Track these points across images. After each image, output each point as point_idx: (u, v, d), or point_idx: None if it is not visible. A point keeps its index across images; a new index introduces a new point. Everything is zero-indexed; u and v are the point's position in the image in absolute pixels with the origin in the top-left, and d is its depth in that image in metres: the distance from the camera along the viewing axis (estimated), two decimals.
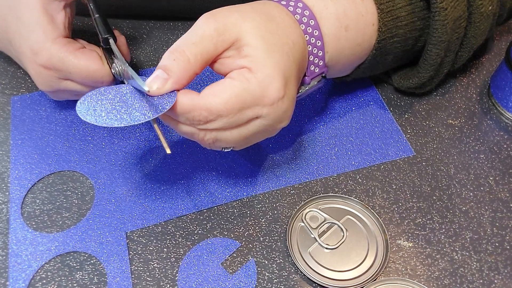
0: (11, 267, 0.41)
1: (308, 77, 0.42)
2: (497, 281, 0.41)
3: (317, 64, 0.42)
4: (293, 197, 0.46)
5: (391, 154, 0.49)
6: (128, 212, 0.45)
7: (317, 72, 0.43)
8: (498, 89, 0.51)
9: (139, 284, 0.41)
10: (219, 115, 0.35)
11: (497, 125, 0.51)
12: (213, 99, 0.35)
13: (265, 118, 0.37)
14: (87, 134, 0.50)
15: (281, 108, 0.37)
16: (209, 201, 0.45)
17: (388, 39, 0.44)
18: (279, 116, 0.38)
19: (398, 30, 0.44)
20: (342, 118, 0.52)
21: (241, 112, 0.36)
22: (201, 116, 0.35)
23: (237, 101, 0.35)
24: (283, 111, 0.37)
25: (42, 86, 0.46)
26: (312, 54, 0.41)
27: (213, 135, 0.37)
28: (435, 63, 0.46)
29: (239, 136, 0.38)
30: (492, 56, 0.57)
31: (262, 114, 0.37)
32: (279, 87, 0.36)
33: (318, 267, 0.41)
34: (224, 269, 0.41)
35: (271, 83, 0.36)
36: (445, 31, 0.43)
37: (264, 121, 0.37)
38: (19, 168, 0.48)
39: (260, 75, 0.36)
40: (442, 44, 0.44)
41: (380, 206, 0.45)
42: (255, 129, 0.38)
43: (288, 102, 0.38)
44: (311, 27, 0.41)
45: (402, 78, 0.51)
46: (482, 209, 0.45)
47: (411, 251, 0.42)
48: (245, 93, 0.35)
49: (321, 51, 0.42)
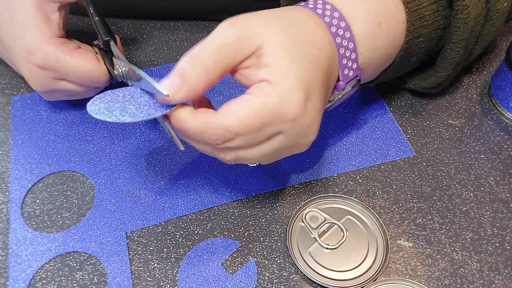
0: (11, 267, 0.41)
1: (343, 82, 0.40)
2: (498, 281, 0.41)
3: (351, 67, 0.40)
4: (293, 197, 0.46)
5: (392, 154, 0.49)
6: (128, 212, 0.45)
7: (351, 75, 0.40)
8: (499, 89, 0.51)
9: (139, 284, 0.40)
10: (237, 133, 0.33)
11: (497, 126, 0.51)
12: (230, 117, 0.33)
13: (287, 133, 0.35)
14: (87, 134, 0.50)
15: (303, 122, 0.35)
16: (209, 201, 0.45)
17: (414, 39, 0.43)
18: (302, 131, 0.35)
19: (423, 30, 0.43)
20: (342, 118, 0.51)
21: (260, 130, 0.34)
22: (218, 136, 0.33)
23: (255, 118, 0.33)
24: (306, 125, 0.35)
25: (37, 87, 0.46)
26: (345, 57, 0.39)
27: (233, 155, 0.36)
28: (455, 61, 0.46)
29: (260, 154, 0.36)
30: (492, 56, 0.57)
31: (283, 130, 0.34)
32: (300, 102, 0.34)
33: (318, 267, 0.41)
34: (224, 269, 0.41)
35: (292, 97, 0.33)
36: (467, 29, 0.43)
37: (286, 137, 0.35)
38: (19, 168, 0.48)
39: (280, 88, 0.33)
40: (463, 43, 0.44)
41: (380, 206, 0.45)
42: (278, 145, 0.35)
43: (311, 116, 0.35)
44: (342, 29, 0.39)
45: (419, 79, 0.50)
46: (483, 209, 0.45)
47: (411, 251, 0.42)
48: (264, 109, 0.33)
49: (354, 53, 0.40)
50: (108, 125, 0.51)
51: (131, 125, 0.51)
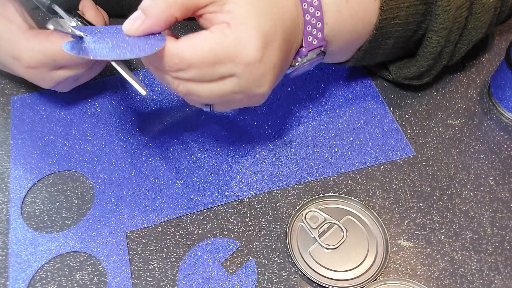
0: (11, 267, 0.41)
1: (306, 48, 0.41)
2: (497, 281, 0.41)
3: (316, 35, 0.41)
4: (293, 197, 0.46)
5: (391, 154, 0.49)
6: (128, 212, 0.45)
7: (315, 44, 0.42)
8: (498, 89, 0.51)
9: (139, 284, 0.40)
10: (190, 64, 0.35)
11: (497, 125, 0.51)
12: (186, 47, 0.35)
13: (239, 78, 0.36)
14: (87, 134, 0.50)
15: (257, 70, 0.36)
16: (209, 201, 0.45)
17: (389, 20, 0.44)
18: (255, 80, 0.37)
19: (400, 12, 0.44)
20: (342, 118, 0.51)
21: (214, 67, 0.35)
22: (172, 63, 0.35)
23: (210, 53, 0.35)
24: (260, 75, 0.36)
25: (44, 85, 0.46)
26: (310, 24, 0.40)
27: (186, 86, 0.37)
28: (435, 51, 0.46)
29: (211, 92, 0.37)
30: (492, 56, 0.57)
31: (235, 72, 0.36)
32: (256, 48, 0.35)
33: (318, 267, 0.41)
34: (224, 269, 0.41)
35: (249, 42, 0.35)
36: (447, 18, 0.43)
37: (238, 81, 0.36)
38: (19, 168, 0.48)
39: (238, 33, 0.35)
40: (443, 31, 0.44)
41: (380, 206, 0.45)
42: (229, 88, 0.37)
43: (266, 66, 0.36)
44: None
45: (400, 68, 0.50)
46: (482, 209, 0.45)
47: (411, 251, 0.42)
48: (219, 47, 0.35)
49: (320, 22, 0.41)
50: (108, 125, 0.51)
51: (131, 125, 0.51)
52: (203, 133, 0.50)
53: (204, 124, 0.51)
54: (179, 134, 0.50)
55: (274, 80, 0.38)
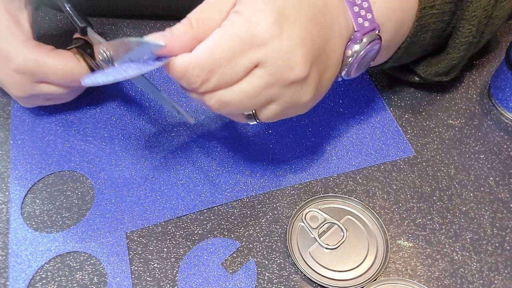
0: (11, 267, 0.41)
1: (359, 32, 0.38)
2: (497, 281, 0.41)
3: (365, 16, 0.38)
4: (293, 197, 0.46)
5: (392, 154, 0.49)
6: (128, 212, 0.45)
7: (367, 26, 0.38)
8: (498, 89, 0.51)
9: (139, 284, 0.40)
10: (211, 70, 0.32)
11: (497, 126, 0.51)
12: (200, 53, 0.32)
13: (264, 64, 0.33)
14: (87, 134, 0.50)
15: (280, 48, 0.32)
16: (209, 201, 0.45)
17: (428, 9, 0.42)
18: (282, 60, 0.33)
19: (436, 0, 0.43)
20: (342, 119, 0.51)
21: (235, 61, 0.32)
22: (194, 76, 0.33)
23: (225, 48, 0.32)
24: (285, 52, 0.32)
25: (16, 92, 0.45)
26: (356, 5, 0.37)
27: (216, 98, 0.34)
28: (467, 41, 0.45)
29: (244, 95, 0.33)
30: (492, 56, 0.57)
31: (258, 59, 0.32)
32: (269, 22, 0.32)
33: (318, 267, 0.41)
34: (224, 269, 0.41)
35: (260, 19, 0.32)
36: (479, 5, 0.43)
37: (265, 69, 0.33)
38: (19, 168, 0.48)
39: (246, 13, 0.32)
40: (475, 20, 0.44)
41: (380, 207, 0.45)
42: (259, 81, 0.33)
43: (289, 42, 0.32)
44: None
45: (429, 65, 0.49)
46: (482, 209, 0.45)
47: (411, 251, 0.42)
48: (232, 38, 0.32)
49: (366, 2, 0.38)
50: (109, 126, 0.51)
51: (131, 125, 0.51)
52: (203, 133, 0.50)
53: (204, 124, 0.51)
54: (179, 135, 0.50)
55: (308, 60, 0.34)
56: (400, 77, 0.53)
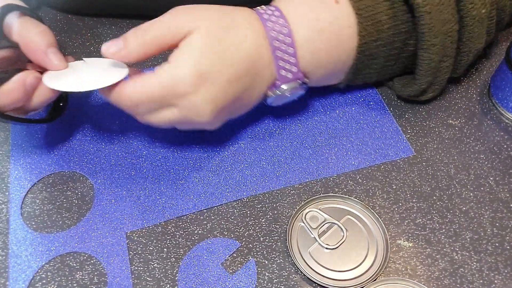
0: (11, 267, 0.41)
1: (279, 81, 0.44)
2: (497, 281, 0.41)
3: (289, 69, 0.43)
4: (293, 197, 0.46)
5: (391, 154, 0.49)
6: (128, 212, 0.45)
7: (290, 77, 0.44)
8: (498, 89, 0.51)
9: (139, 284, 0.40)
10: (139, 104, 0.40)
11: (497, 126, 0.51)
12: (133, 91, 0.40)
13: (178, 108, 0.41)
14: (87, 134, 0.50)
15: (194, 103, 0.40)
16: (209, 201, 0.45)
17: (371, 42, 0.44)
18: (191, 110, 0.41)
19: (381, 34, 0.44)
20: (342, 119, 0.52)
21: (157, 102, 0.40)
22: (126, 105, 0.41)
23: (152, 93, 0.39)
24: (197, 106, 0.40)
25: None
26: (283, 60, 0.43)
27: (143, 118, 0.43)
28: (430, 67, 0.46)
29: (161, 120, 0.42)
30: (492, 56, 0.57)
31: (174, 104, 0.40)
32: (190, 82, 0.39)
33: (318, 267, 0.41)
34: (224, 269, 0.41)
35: (183, 78, 0.39)
36: (433, 35, 0.43)
37: (178, 111, 0.41)
38: (18, 168, 0.48)
39: (174, 69, 0.39)
40: (433, 48, 0.44)
41: (380, 206, 0.45)
42: (173, 116, 0.41)
43: (204, 99, 0.40)
44: (283, 34, 0.42)
45: (403, 86, 0.50)
46: (482, 209, 0.45)
47: (411, 251, 0.42)
48: (158, 86, 0.39)
49: (294, 57, 0.43)
50: (108, 126, 0.51)
51: (131, 125, 0.51)
52: (203, 133, 0.50)
53: None
54: (179, 134, 0.50)
55: (215, 113, 0.41)
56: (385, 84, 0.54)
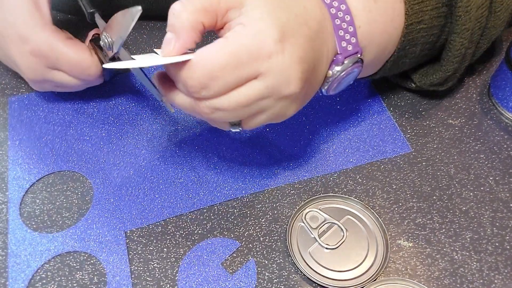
0: (10, 267, 0.41)
1: (341, 55, 0.39)
2: (497, 281, 0.41)
3: (349, 40, 0.40)
4: (293, 197, 0.45)
5: (389, 151, 0.49)
6: (127, 211, 0.45)
7: (350, 50, 0.40)
8: (498, 89, 0.51)
9: (139, 284, 0.40)
10: (212, 76, 0.33)
11: (497, 125, 0.51)
12: (205, 58, 0.33)
13: (264, 76, 0.34)
14: (85, 134, 0.50)
15: (281, 64, 0.34)
16: (208, 199, 0.45)
17: (415, 24, 0.43)
18: (281, 75, 0.34)
19: (424, 16, 0.43)
20: (339, 116, 0.51)
21: (237, 71, 0.33)
22: (196, 80, 0.34)
23: (230, 57, 0.33)
24: (285, 68, 0.34)
25: (29, 75, 0.46)
26: (342, 29, 0.39)
27: (211, 104, 0.35)
28: (460, 53, 0.45)
29: (237, 104, 0.35)
30: (492, 56, 0.57)
31: (259, 71, 0.34)
32: (274, 39, 0.33)
33: (318, 267, 0.41)
34: (224, 269, 0.41)
35: (265, 34, 0.33)
36: (469, 18, 0.43)
37: (263, 81, 0.34)
38: (17, 168, 0.47)
39: (255, 27, 0.34)
40: (466, 33, 0.44)
41: (380, 206, 0.45)
42: (256, 92, 0.35)
43: (289, 59, 0.34)
44: (337, 1, 0.39)
45: (424, 75, 0.50)
46: (482, 209, 0.45)
47: (411, 251, 0.42)
48: (238, 48, 0.33)
49: (352, 26, 0.39)
50: (106, 125, 0.51)
51: (129, 124, 0.51)
52: (201, 131, 0.50)
53: (202, 122, 0.51)
54: (177, 133, 0.50)
55: (302, 79, 0.36)
56: (398, 83, 0.53)
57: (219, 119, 0.37)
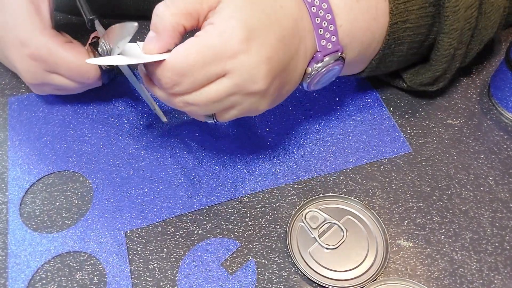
0: (10, 267, 0.41)
1: (320, 53, 0.40)
2: (497, 281, 0.41)
3: (329, 39, 0.40)
4: (293, 197, 0.46)
5: (388, 151, 0.49)
6: (127, 211, 0.45)
7: (330, 48, 0.40)
8: (498, 89, 0.51)
9: (139, 284, 0.40)
10: (182, 74, 0.35)
11: (497, 126, 0.51)
12: (175, 57, 0.35)
13: (230, 74, 0.35)
14: (85, 134, 0.50)
15: (247, 63, 0.35)
16: (208, 200, 0.45)
17: (400, 24, 0.43)
18: (246, 73, 0.35)
19: (409, 15, 0.43)
20: (339, 116, 0.52)
21: (205, 69, 0.35)
22: (167, 78, 0.35)
23: (198, 56, 0.35)
24: (251, 67, 0.35)
25: (28, 78, 0.46)
26: (322, 28, 0.40)
27: (183, 99, 0.37)
28: (448, 54, 0.45)
29: (207, 99, 0.36)
30: (492, 56, 0.57)
31: (226, 70, 0.35)
32: (240, 39, 0.34)
33: (318, 267, 0.41)
34: (224, 269, 0.41)
35: (232, 34, 0.34)
36: (457, 18, 0.43)
37: (230, 79, 0.36)
38: (17, 169, 0.47)
39: (222, 27, 0.35)
40: (455, 33, 0.44)
41: (380, 206, 0.45)
42: (224, 89, 0.36)
43: (256, 58, 0.35)
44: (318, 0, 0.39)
45: (414, 75, 0.50)
46: (482, 209, 0.45)
47: (411, 251, 0.42)
48: (205, 48, 0.35)
49: (333, 25, 0.40)
50: (106, 125, 0.51)
51: (129, 125, 0.51)
52: (201, 131, 0.50)
53: (202, 123, 0.51)
54: (177, 133, 0.50)
55: (270, 77, 0.37)
56: (389, 81, 0.53)
57: (193, 112, 0.39)
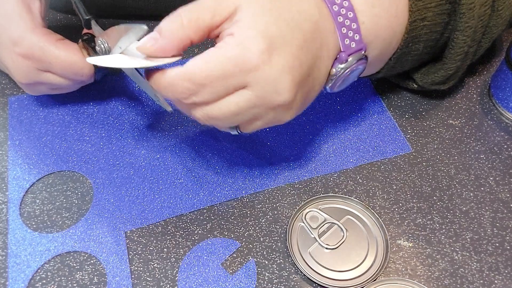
0: (10, 267, 0.41)
1: (344, 53, 0.39)
2: (498, 281, 0.41)
3: (353, 38, 0.39)
4: (293, 197, 0.45)
5: (389, 151, 0.49)
6: (127, 211, 0.45)
7: (354, 47, 0.39)
8: (499, 89, 0.51)
9: (139, 284, 0.40)
10: (201, 84, 0.34)
11: (497, 126, 0.51)
12: (193, 67, 0.34)
13: (251, 87, 0.35)
14: (85, 134, 0.50)
15: (268, 74, 0.34)
16: (208, 200, 0.45)
17: (418, 21, 0.43)
18: (269, 85, 0.35)
19: (427, 13, 0.43)
20: (339, 117, 0.51)
21: (224, 81, 0.34)
22: (184, 88, 0.35)
23: (217, 68, 0.34)
24: (273, 79, 0.34)
25: (20, 78, 0.46)
26: (345, 26, 0.39)
27: (204, 111, 0.36)
28: (462, 51, 0.45)
29: (229, 112, 0.36)
30: (492, 56, 0.57)
31: (246, 82, 0.34)
32: (261, 50, 0.34)
33: (318, 267, 0.41)
34: (224, 269, 0.41)
35: (251, 45, 0.34)
36: (472, 16, 0.43)
37: (252, 91, 0.35)
38: (17, 169, 0.47)
39: (240, 38, 0.34)
40: (469, 30, 0.44)
41: (380, 206, 0.45)
42: (245, 101, 0.35)
43: (278, 69, 0.34)
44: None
45: (426, 74, 0.49)
46: (483, 209, 0.45)
47: (411, 251, 0.42)
48: (225, 59, 0.34)
49: (355, 23, 0.39)
50: (106, 125, 0.51)
51: (129, 125, 0.51)
52: (201, 131, 0.50)
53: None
54: (177, 133, 0.50)
55: (294, 87, 0.36)
56: (399, 83, 0.53)
57: (215, 124, 0.38)
